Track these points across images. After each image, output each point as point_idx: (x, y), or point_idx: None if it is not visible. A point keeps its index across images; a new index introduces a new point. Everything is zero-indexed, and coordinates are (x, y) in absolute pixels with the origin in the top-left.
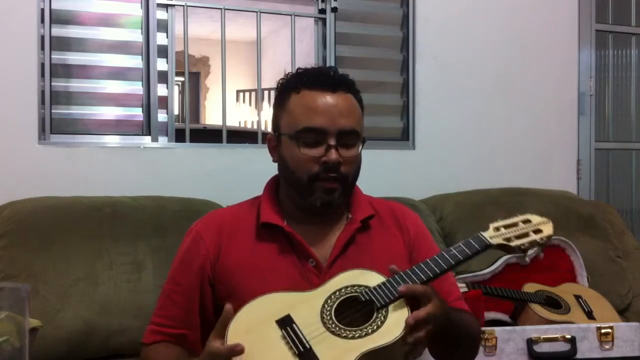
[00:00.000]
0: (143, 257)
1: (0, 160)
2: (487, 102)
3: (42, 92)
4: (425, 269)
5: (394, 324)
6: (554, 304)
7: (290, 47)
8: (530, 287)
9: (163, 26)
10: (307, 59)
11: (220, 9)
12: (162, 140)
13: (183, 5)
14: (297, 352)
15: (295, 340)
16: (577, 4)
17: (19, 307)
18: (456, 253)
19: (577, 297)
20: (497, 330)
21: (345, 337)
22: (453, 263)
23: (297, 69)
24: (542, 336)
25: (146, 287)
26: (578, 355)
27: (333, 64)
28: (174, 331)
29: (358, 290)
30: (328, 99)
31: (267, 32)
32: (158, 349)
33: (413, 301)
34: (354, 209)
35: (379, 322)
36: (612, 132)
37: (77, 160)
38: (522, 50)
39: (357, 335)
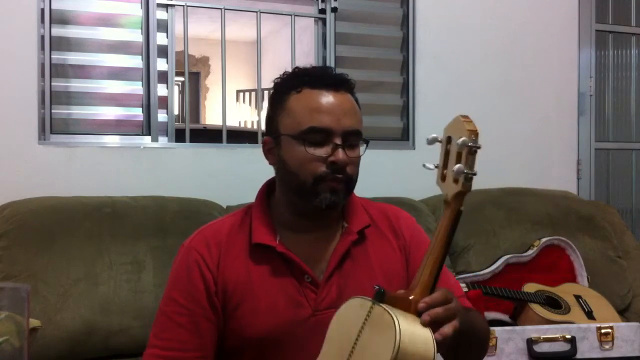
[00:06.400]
0: (143, 257)
1: (0, 160)
2: (487, 102)
3: (42, 92)
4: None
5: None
6: (554, 304)
7: (290, 47)
8: (530, 287)
9: (163, 26)
10: (307, 59)
11: (220, 9)
12: (162, 140)
13: (183, 5)
14: None
15: None
16: (577, 4)
17: (19, 307)
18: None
19: (577, 297)
20: (497, 330)
21: None
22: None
23: (295, 68)
24: (542, 336)
25: (146, 287)
26: (578, 355)
27: (333, 64)
28: (184, 354)
29: None
30: (331, 98)
31: (267, 32)
32: None
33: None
34: (349, 217)
35: None
36: (612, 132)
37: (77, 160)
38: (522, 50)
39: None
